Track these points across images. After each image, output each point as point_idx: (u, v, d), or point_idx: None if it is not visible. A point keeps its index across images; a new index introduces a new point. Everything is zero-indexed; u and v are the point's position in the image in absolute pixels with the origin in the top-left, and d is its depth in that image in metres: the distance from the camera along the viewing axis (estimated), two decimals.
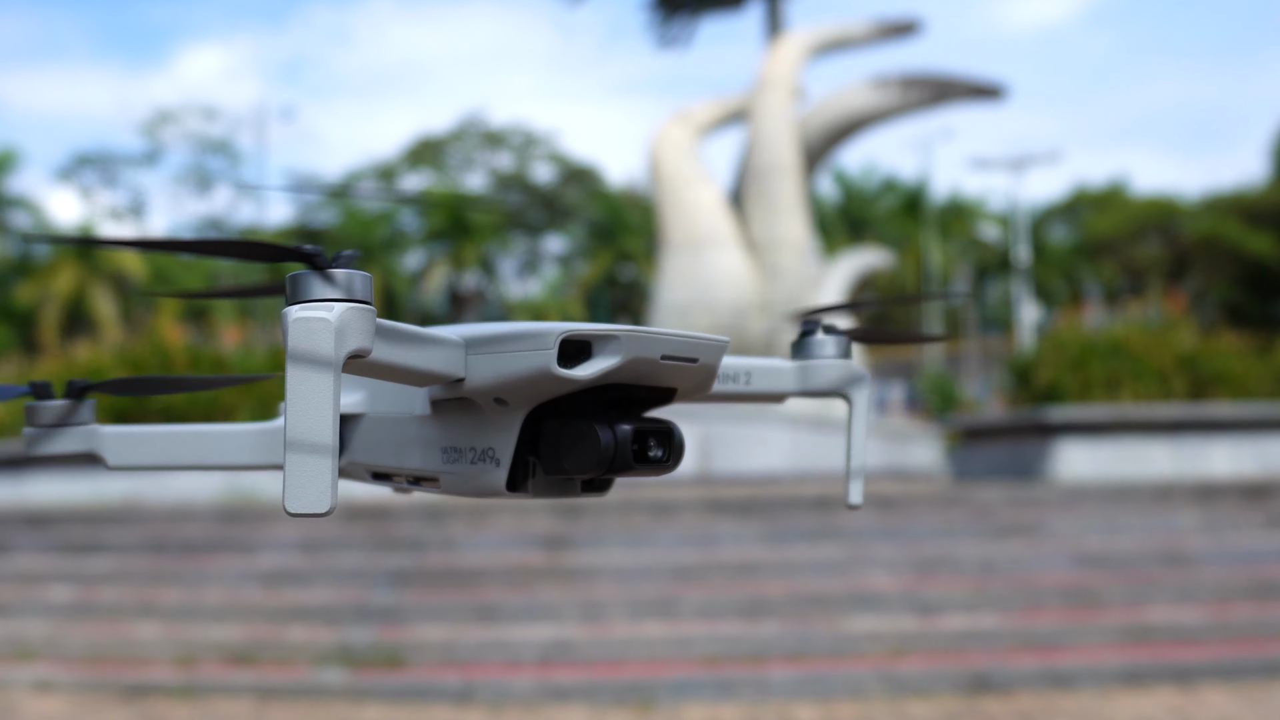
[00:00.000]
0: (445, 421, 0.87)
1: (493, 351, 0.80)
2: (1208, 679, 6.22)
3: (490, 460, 0.84)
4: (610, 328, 0.79)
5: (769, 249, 18.04)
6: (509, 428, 0.83)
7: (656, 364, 0.82)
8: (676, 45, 27.40)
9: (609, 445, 0.80)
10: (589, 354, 0.79)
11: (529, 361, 0.78)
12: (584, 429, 0.81)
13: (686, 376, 0.85)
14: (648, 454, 0.83)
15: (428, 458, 0.88)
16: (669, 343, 0.82)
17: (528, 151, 48.39)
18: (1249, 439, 10.41)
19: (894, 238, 43.43)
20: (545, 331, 0.78)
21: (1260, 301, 39.95)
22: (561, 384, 0.79)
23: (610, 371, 0.79)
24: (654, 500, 8.52)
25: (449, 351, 0.79)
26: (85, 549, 8.33)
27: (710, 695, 6.03)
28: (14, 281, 39.76)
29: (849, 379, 1.01)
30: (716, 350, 0.86)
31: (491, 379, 0.80)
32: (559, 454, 0.83)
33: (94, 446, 0.97)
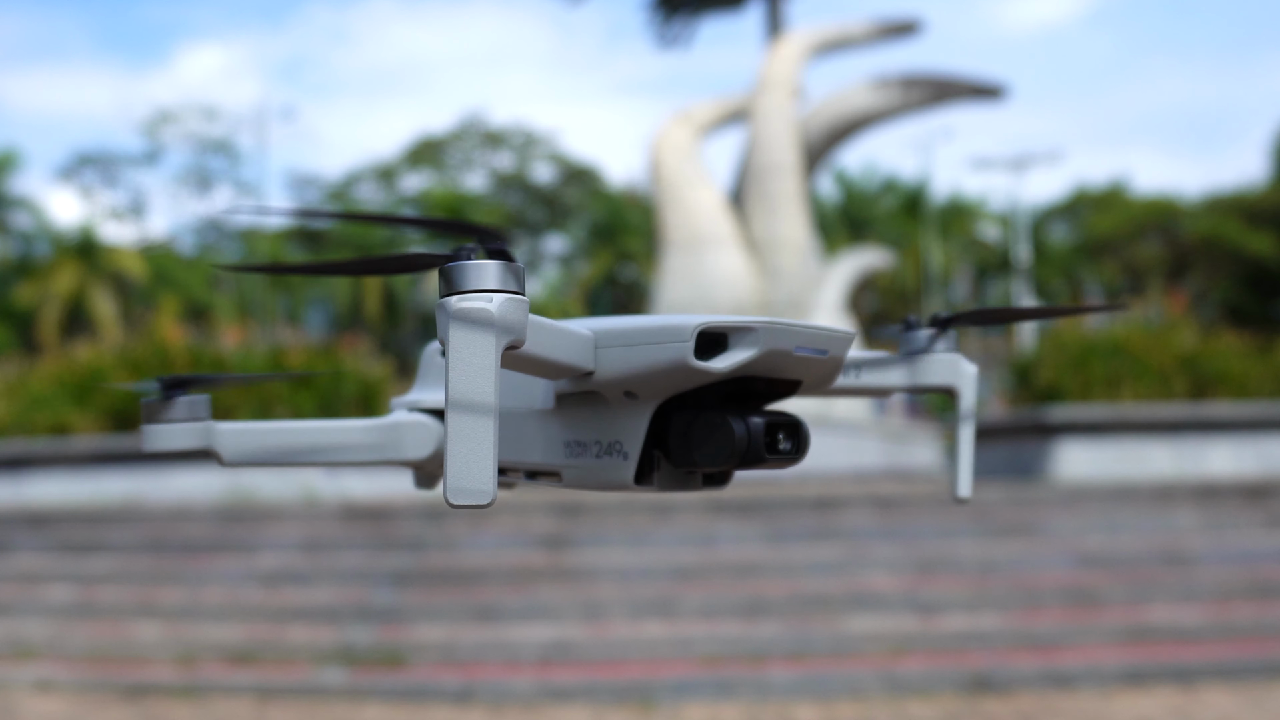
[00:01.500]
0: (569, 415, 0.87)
1: (626, 345, 0.80)
2: (1208, 679, 6.22)
3: (618, 454, 0.84)
4: (747, 320, 0.79)
5: (769, 249, 18.04)
6: (638, 421, 0.83)
7: (789, 356, 0.81)
8: (676, 45, 27.42)
9: (743, 438, 0.80)
10: (724, 346, 0.79)
11: (664, 354, 0.78)
12: (717, 421, 0.81)
13: (815, 369, 0.85)
14: (777, 447, 0.82)
15: (550, 452, 0.88)
16: (803, 335, 0.82)
17: (528, 151, 48.41)
18: (1249, 439, 10.40)
19: (894, 238, 43.43)
20: (682, 325, 0.78)
21: (1260, 301, 39.94)
22: (696, 376, 0.79)
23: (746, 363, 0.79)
24: (654, 500, 8.53)
25: (581, 345, 0.79)
26: (85, 549, 8.32)
27: (710, 695, 6.03)
28: (14, 281, 39.77)
29: (958, 373, 1.01)
30: (845, 343, 0.85)
31: (623, 372, 0.80)
32: (690, 447, 0.82)
33: (210, 443, 0.97)
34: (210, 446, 0.97)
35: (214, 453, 0.97)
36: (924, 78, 19.17)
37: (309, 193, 48.07)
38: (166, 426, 0.96)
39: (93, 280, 37.54)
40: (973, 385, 1.01)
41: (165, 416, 0.96)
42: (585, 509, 8.34)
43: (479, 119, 48.16)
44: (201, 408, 0.97)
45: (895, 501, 8.59)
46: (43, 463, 10.36)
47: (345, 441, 0.98)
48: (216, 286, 43.52)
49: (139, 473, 10.07)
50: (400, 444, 0.98)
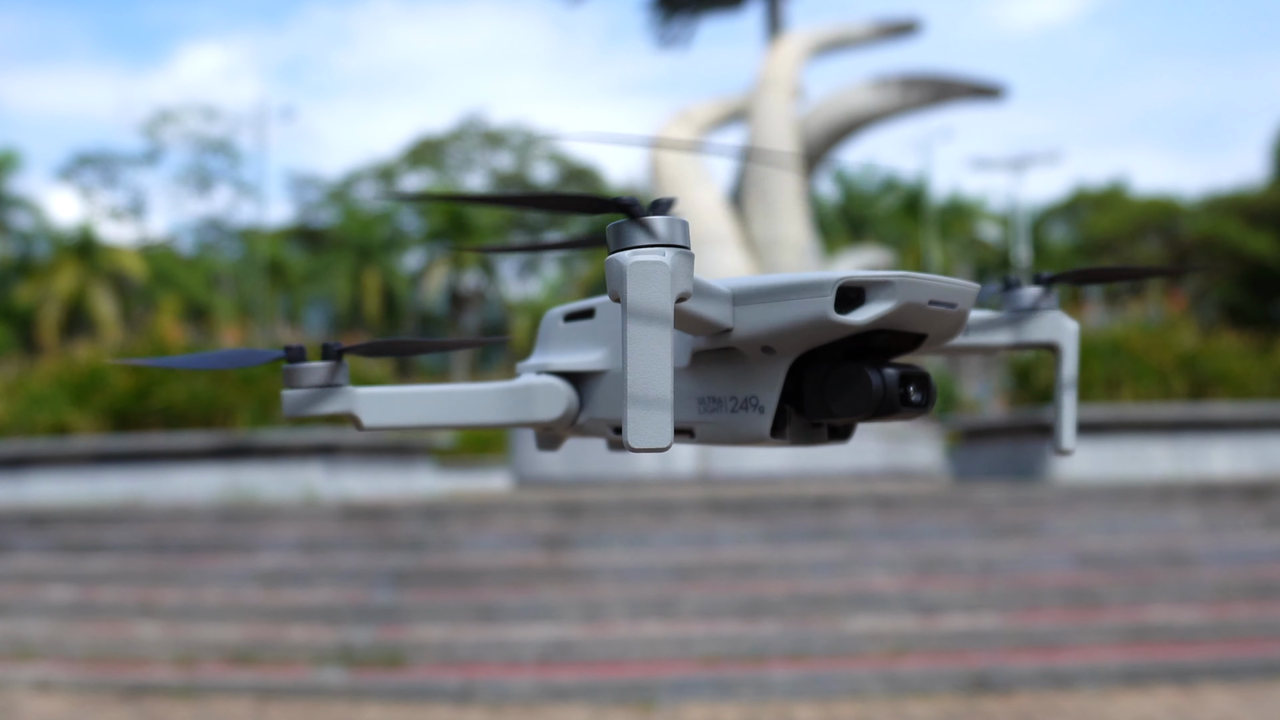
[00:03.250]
0: (703, 372, 0.89)
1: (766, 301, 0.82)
2: (1208, 679, 6.22)
3: (754, 408, 0.86)
4: (883, 274, 0.81)
5: (769, 249, 18.04)
6: (775, 375, 0.85)
7: (923, 309, 0.83)
8: (676, 45, 27.41)
9: (879, 389, 0.82)
10: (862, 300, 0.81)
11: (805, 309, 0.80)
12: (855, 373, 0.83)
13: (943, 322, 0.86)
14: (910, 398, 0.84)
15: (683, 409, 0.90)
16: (936, 288, 0.84)
17: (528, 151, 48.42)
18: (1249, 439, 10.40)
19: (894, 237, 43.45)
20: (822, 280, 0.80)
21: (1260, 301, 39.95)
22: (836, 330, 0.81)
23: (884, 316, 0.81)
24: (654, 500, 8.53)
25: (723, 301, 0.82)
26: (85, 549, 8.33)
27: (710, 695, 6.03)
28: (14, 281, 39.76)
29: (1060, 330, 1.03)
30: (971, 295, 0.87)
31: (763, 327, 0.82)
32: (825, 398, 0.84)
33: (351, 407, 0.98)
34: (351, 410, 0.98)
35: (354, 416, 0.98)
36: (924, 78, 19.16)
37: (309, 193, 48.07)
38: (309, 392, 0.97)
39: (93, 280, 37.54)
40: (1075, 341, 1.04)
41: (307, 381, 0.97)
42: (585, 509, 8.35)
43: (479, 119, 48.18)
44: (342, 373, 0.98)
45: (895, 501, 8.59)
46: (43, 463, 10.37)
47: (480, 404, 1.00)
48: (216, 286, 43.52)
49: (139, 473, 10.08)
50: (532, 406, 1.00)
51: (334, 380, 0.98)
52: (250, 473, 10.03)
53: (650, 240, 0.72)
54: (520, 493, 11.22)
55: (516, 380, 1.03)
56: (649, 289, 0.70)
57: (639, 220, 0.72)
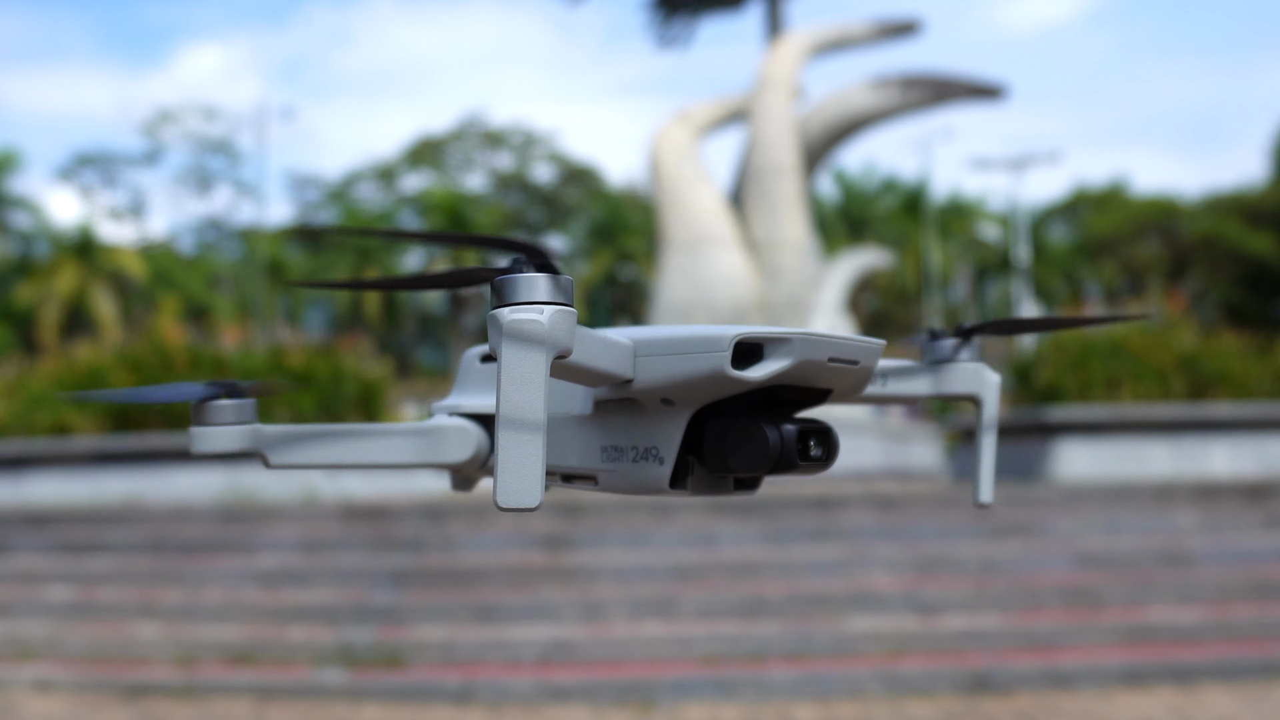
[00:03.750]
0: (606, 421, 0.90)
1: (664, 354, 0.82)
2: (1208, 679, 6.22)
3: (654, 459, 0.86)
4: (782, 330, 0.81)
5: (769, 249, 18.04)
6: (674, 427, 0.86)
7: (823, 366, 0.84)
8: (676, 45, 27.41)
9: (776, 444, 0.82)
10: (760, 356, 0.82)
11: (702, 364, 0.81)
12: (752, 428, 0.83)
13: (846, 378, 0.87)
14: (809, 453, 0.85)
15: (587, 456, 0.91)
16: (835, 346, 0.84)
17: (528, 151, 48.41)
18: (1249, 439, 10.40)
19: (894, 238, 43.44)
20: (719, 335, 0.80)
21: (1260, 301, 39.95)
22: (732, 385, 0.81)
23: (780, 373, 0.82)
24: (653, 500, 8.53)
25: (621, 353, 0.82)
26: (85, 549, 8.32)
27: (710, 695, 6.03)
28: (14, 281, 39.75)
29: (981, 382, 1.04)
30: (875, 353, 0.88)
31: (661, 380, 0.83)
32: (724, 453, 0.84)
33: (257, 445, 0.99)
34: (257, 448, 0.99)
35: (261, 454, 0.99)
36: (924, 78, 19.16)
37: (309, 193, 48.06)
38: (216, 429, 0.98)
39: (93, 280, 37.54)
40: (995, 394, 1.04)
41: (214, 419, 0.99)
42: (585, 509, 8.35)
43: (479, 119, 48.17)
44: (249, 411, 0.99)
45: (895, 501, 8.59)
46: (43, 463, 10.37)
47: (388, 445, 1.00)
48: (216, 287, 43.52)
49: (139, 473, 10.08)
50: (441, 447, 1.01)
51: (243, 419, 0.99)
52: (250, 473, 10.03)
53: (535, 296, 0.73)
54: None
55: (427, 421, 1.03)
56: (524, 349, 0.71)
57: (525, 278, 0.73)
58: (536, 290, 0.73)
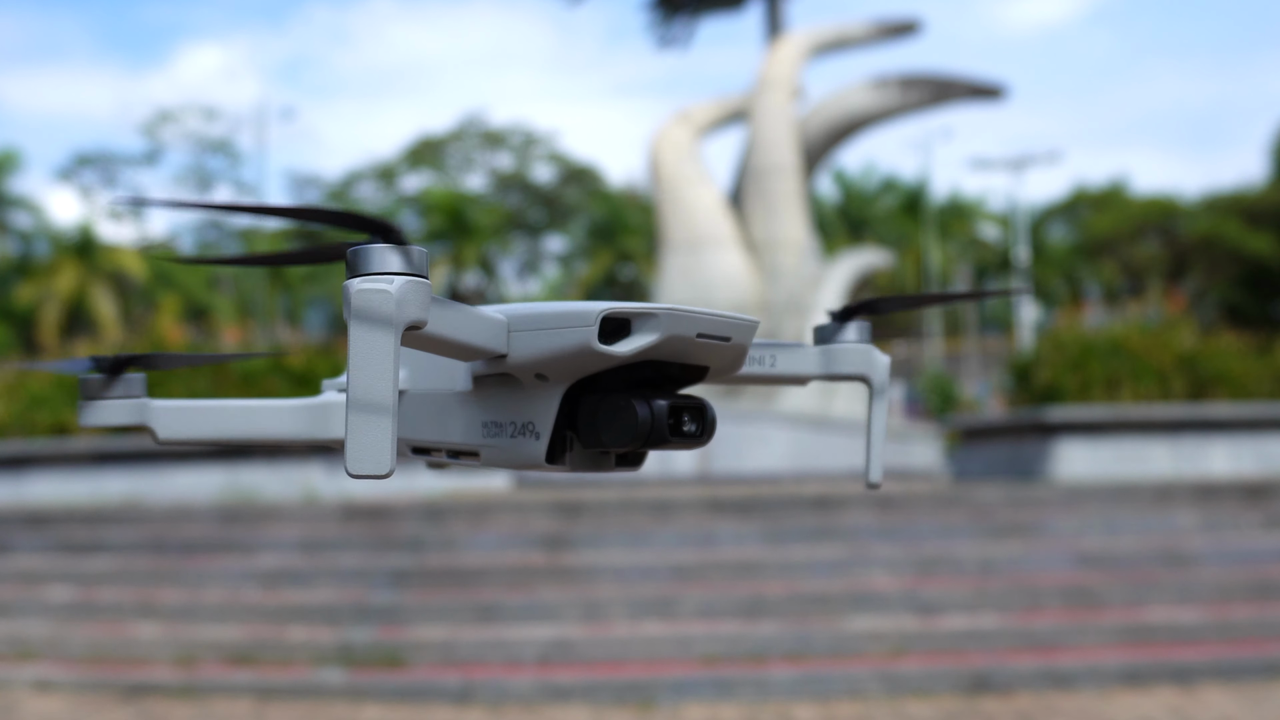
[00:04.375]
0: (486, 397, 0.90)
1: (535, 328, 0.83)
2: (1208, 679, 6.22)
3: (530, 434, 0.87)
4: (649, 306, 0.82)
5: (769, 249, 18.04)
6: (549, 402, 0.86)
7: (692, 342, 0.84)
8: (676, 45, 27.40)
9: (646, 419, 0.83)
10: (628, 331, 0.82)
11: (571, 338, 0.81)
12: (621, 403, 0.84)
13: (719, 355, 0.87)
14: (682, 428, 0.85)
15: (469, 432, 0.91)
16: (704, 321, 0.84)
17: (528, 151, 48.39)
18: (1249, 439, 10.40)
19: (894, 238, 43.44)
20: (587, 310, 0.81)
21: (1260, 301, 39.94)
22: (601, 360, 0.82)
23: (648, 348, 0.82)
24: (654, 500, 8.53)
25: (494, 328, 0.82)
26: (85, 549, 8.32)
27: (710, 695, 6.03)
28: (14, 281, 39.75)
29: (870, 363, 1.04)
30: (748, 330, 0.88)
31: (533, 355, 0.83)
32: (597, 428, 0.85)
33: (145, 419, 1.00)
34: (145, 422, 0.99)
35: (150, 428, 1.00)
36: (924, 78, 19.17)
37: (309, 193, 48.06)
38: (103, 403, 1.00)
39: (93, 280, 37.53)
40: (884, 374, 1.04)
41: (102, 393, 1.00)
42: (585, 509, 8.35)
43: (479, 119, 48.15)
44: (137, 385, 1.00)
45: (895, 501, 8.59)
46: (43, 463, 10.37)
47: (276, 419, 1.01)
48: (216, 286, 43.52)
49: (139, 473, 10.08)
50: (328, 423, 1.02)
51: (130, 393, 1.00)
52: (250, 473, 10.03)
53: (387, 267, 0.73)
54: (520, 492, 11.22)
55: (316, 397, 1.04)
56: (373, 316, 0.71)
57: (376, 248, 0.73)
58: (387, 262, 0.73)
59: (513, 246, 49.09)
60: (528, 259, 50.22)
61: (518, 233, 48.98)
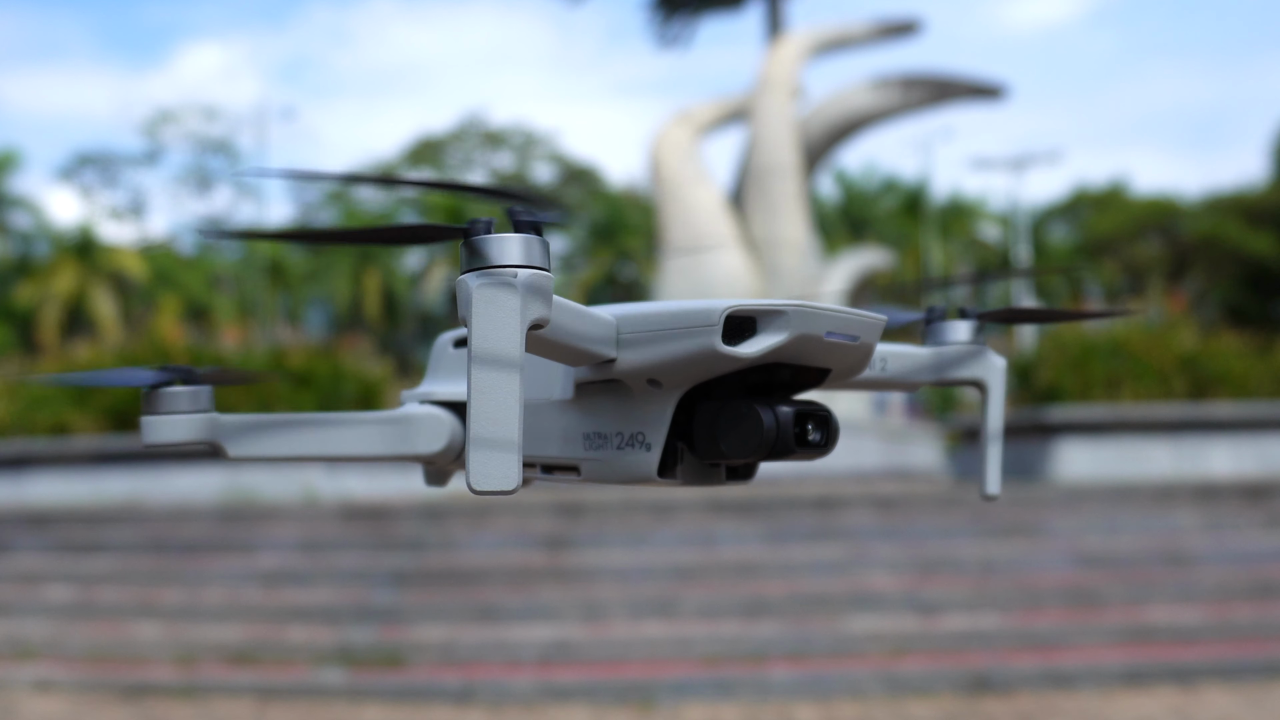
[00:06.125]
0: (590, 406, 0.83)
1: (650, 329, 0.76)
2: (1208, 679, 6.22)
3: (640, 445, 0.80)
4: (777, 303, 0.76)
5: (769, 249, 18.04)
6: (662, 410, 0.80)
7: (820, 342, 0.78)
8: (676, 45, 27.40)
9: (771, 428, 0.77)
10: (753, 330, 0.76)
11: (691, 340, 0.75)
12: (745, 410, 0.77)
13: (845, 356, 0.81)
14: (807, 438, 0.79)
15: (569, 444, 0.84)
16: (834, 319, 0.78)
17: (528, 152, 48.41)
18: (1249, 439, 10.40)
19: (894, 238, 43.45)
20: (709, 308, 0.75)
21: (1261, 301, 39.94)
22: (724, 362, 0.76)
23: (776, 349, 0.76)
24: (654, 500, 8.53)
25: (604, 330, 0.76)
26: (85, 549, 8.32)
27: (710, 695, 6.03)
28: (14, 281, 39.76)
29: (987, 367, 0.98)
30: (875, 329, 0.82)
31: (647, 359, 0.77)
32: (716, 437, 0.79)
33: (215, 436, 0.92)
34: (214, 439, 0.93)
35: (218, 446, 0.93)
36: (924, 78, 19.16)
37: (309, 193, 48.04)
38: (168, 418, 0.92)
39: (93, 280, 37.53)
40: (1002, 379, 0.98)
41: (167, 408, 0.92)
42: (585, 509, 8.34)
43: (479, 119, 48.17)
44: (205, 399, 0.93)
45: (895, 501, 8.59)
46: (43, 463, 10.36)
47: (355, 435, 0.94)
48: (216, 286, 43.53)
49: (139, 473, 10.07)
50: (412, 438, 0.94)
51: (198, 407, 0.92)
52: (250, 473, 10.02)
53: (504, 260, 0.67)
54: (520, 492, 11.22)
55: (397, 410, 0.96)
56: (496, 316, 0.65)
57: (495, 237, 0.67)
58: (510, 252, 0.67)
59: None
60: None
61: None
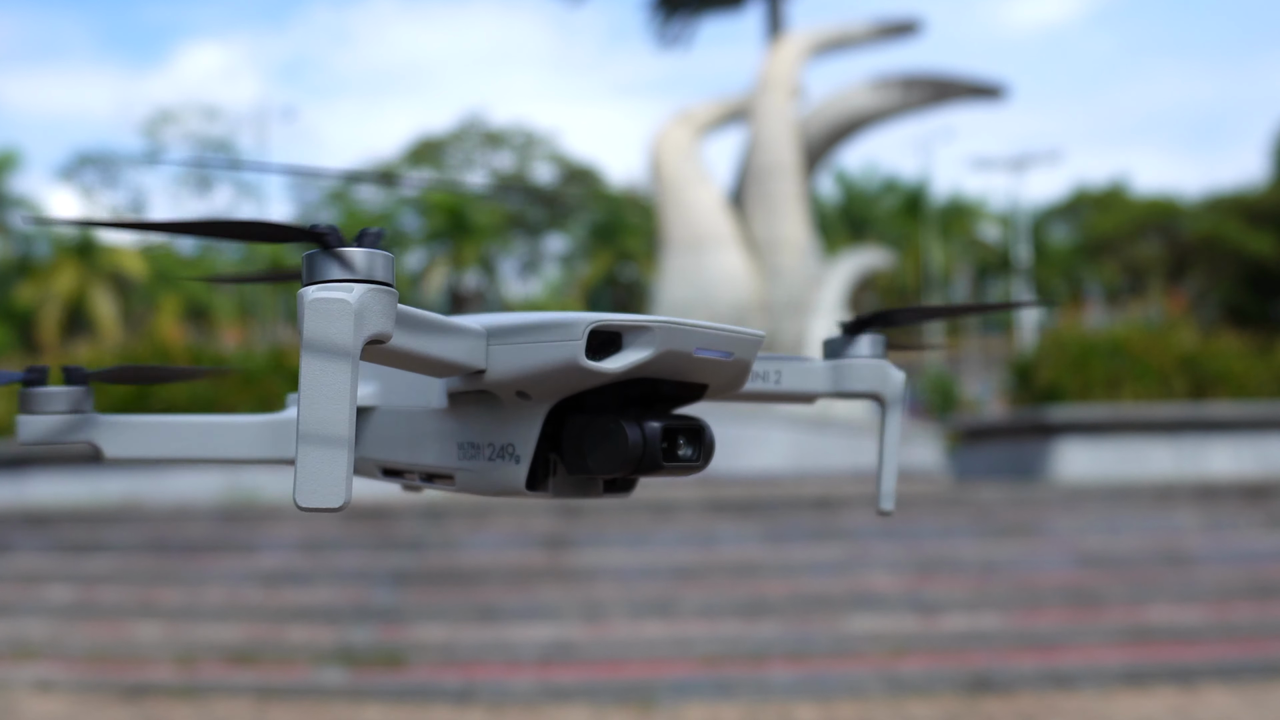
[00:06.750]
0: (463, 416, 0.83)
1: (517, 342, 0.75)
2: (1208, 679, 6.21)
3: (510, 457, 0.80)
4: (642, 318, 0.75)
5: (769, 249, 18.03)
6: (531, 423, 0.79)
7: (689, 358, 0.77)
8: (676, 45, 27.39)
9: (637, 444, 0.76)
10: (619, 346, 0.75)
11: (555, 353, 0.74)
12: (611, 426, 0.77)
13: (719, 372, 0.80)
14: (677, 453, 0.78)
15: (443, 454, 0.84)
16: (703, 336, 0.77)
17: (528, 151, 48.41)
18: (1249, 439, 10.40)
19: (894, 238, 43.44)
20: (573, 321, 0.74)
21: (1261, 301, 39.93)
22: (589, 377, 0.75)
23: (640, 365, 0.75)
24: (654, 500, 8.52)
25: (471, 341, 0.75)
26: (85, 549, 8.32)
27: (710, 695, 6.02)
28: (14, 281, 39.76)
29: (884, 380, 0.97)
30: (752, 345, 0.81)
31: (514, 371, 0.76)
32: (583, 452, 0.78)
33: (91, 436, 0.92)
34: (91, 439, 0.92)
35: (95, 446, 0.93)
36: (924, 78, 19.15)
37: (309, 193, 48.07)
38: (43, 418, 0.91)
39: (93, 280, 37.53)
40: (899, 391, 0.97)
41: (42, 407, 0.92)
42: (585, 509, 8.34)
43: (479, 119, 48.17)
44: (83, 399, 0.92)
45: (895, 501, 8.57)
46: (43, 463, 10.36)
47: (233, 437, 0.94)
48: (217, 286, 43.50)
49: (139, 473, 10.07)
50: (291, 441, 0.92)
51: (77, 407, 0.92)
52: (250, 473, 10.02)
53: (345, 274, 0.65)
54: None
55: (278, 413, 0.95)
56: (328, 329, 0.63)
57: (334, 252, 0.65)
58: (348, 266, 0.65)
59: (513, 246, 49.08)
60: (528, 259, 50.23)
61: (518, 233, 48.98)
